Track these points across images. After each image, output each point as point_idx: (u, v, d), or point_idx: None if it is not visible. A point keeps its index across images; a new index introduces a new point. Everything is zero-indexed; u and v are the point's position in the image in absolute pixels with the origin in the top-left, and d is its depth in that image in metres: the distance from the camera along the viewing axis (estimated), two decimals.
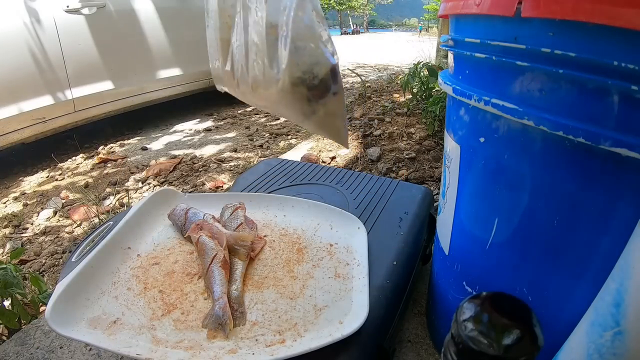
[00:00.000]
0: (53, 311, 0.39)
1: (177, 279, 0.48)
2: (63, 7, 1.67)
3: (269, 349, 0.38)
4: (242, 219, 0.55)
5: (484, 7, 0.31)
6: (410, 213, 0.62)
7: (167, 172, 1.51)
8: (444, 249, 0.49)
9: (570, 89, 0.27)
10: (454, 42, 0.38)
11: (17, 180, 1.59)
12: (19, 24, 1.52)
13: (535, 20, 0.27)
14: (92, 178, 1.53)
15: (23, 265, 1.00)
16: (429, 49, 2.81)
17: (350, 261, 0.50)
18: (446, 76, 0.43)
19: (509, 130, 0.33)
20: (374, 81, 2.97)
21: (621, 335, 0.22)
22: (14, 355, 0.58)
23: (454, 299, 0.48)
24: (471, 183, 0.40)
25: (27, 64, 1.55)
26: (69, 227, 1.17)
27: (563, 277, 0.33)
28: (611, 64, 0.23)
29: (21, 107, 1.55)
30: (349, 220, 0.57)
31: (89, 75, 1.79)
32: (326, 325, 0.40)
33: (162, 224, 0.59)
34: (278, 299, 0.44)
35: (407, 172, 1.20)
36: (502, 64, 0.31)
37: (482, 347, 0.20)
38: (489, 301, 0.23)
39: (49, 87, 1.64)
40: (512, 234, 0.36)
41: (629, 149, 0.24)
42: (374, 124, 1.60)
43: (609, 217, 0.28)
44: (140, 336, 0.39)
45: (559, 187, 0.30)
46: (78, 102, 1.75)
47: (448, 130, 0.45)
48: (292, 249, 0.53)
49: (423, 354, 0.56)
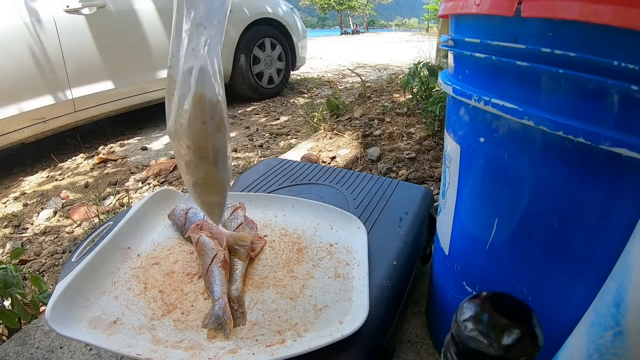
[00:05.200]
0: (53, 311, 0.39)
1: (177, 279, 0.48)
2: (63, 7, 1.67)
3: (269, 349, 0.38)
4: (242, 219, 0.55)
5: (484, 7, 0.31)
6: (410, 213, 0.62)
7: (167, 172, 1.51)
8: (444, 249, 0.49)
9: (570, 89, 0.27)
10: (454, 42, 0.38)
11: (17, 180, 1.59)
12: (19, 23, 1.52)
13: (535, 20, 0.27)
14: (92, 178, 1.53)
15: (23, 265, 1.00)
16: (429, 49, 2.81)
17: (350, 261, 0.50)
18: (446, 76, 0.43)
19: (509, 130, 0.33)
20: (374, 81, 2.97)
21: (621, 335, 0.22)
22: (14, 355, 0.58)
23: (454, 299, 0.48)
24: (471, 183, 0.40)
25: (27, 64, 1.55)
26: (69, 227, 1.17)
27: (563, 277, 0.33)
28: (611, 64, 0.23)
29: (21, 107, 1.55)
30: (349, 220, 0.57)
31: (89, 75, 1.79)
32: (326, 325, 0.40)
33: (162, 224, 0.59)
34: (278, 299, 0.44)
35: (407, 172, 1.20)
36: (502, 64, 0.31)
37: (482, 347, 0.20)
38: (489, 301, 0.23)
39: (49, 87, 1.64)
40: (512, 234, 0.36)
41: (629, 149, 0.24)
42: (374, 124, 1.60)
43: (609, 217, 0.28)
44: (140, 336, 0.39)
45: (559, 187, 0.30)
46: (78, 102, 1.75)
47: (448, 130, 0.45)
48: (292, 249, 0.53)
49: (423, 354, 0.56)
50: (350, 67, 4.30)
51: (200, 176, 0.35)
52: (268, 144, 1.79)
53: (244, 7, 2.42)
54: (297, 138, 1.85)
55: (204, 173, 0.34)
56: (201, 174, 0.34)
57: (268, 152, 1.69)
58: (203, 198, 0.37)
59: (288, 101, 2.66)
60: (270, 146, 1.77)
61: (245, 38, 2.45)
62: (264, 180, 0.74)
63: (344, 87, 3.11)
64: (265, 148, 1.74)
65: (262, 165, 0.81)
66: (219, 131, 0.33)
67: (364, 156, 1.35)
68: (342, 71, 4.06)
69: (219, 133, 0.33)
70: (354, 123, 1.65)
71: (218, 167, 0.34)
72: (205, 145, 0.33)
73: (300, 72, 3.84)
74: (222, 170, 0.35)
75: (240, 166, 1.52)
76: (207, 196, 0.37)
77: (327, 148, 1.48)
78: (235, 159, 1.61)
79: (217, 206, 0.38)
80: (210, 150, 0.33)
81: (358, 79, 2.87)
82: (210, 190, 0.36)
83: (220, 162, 0.34)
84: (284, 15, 2.72)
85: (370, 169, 1.27)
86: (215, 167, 0.34)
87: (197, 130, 0.32)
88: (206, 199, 0.37)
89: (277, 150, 1.70)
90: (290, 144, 1.73)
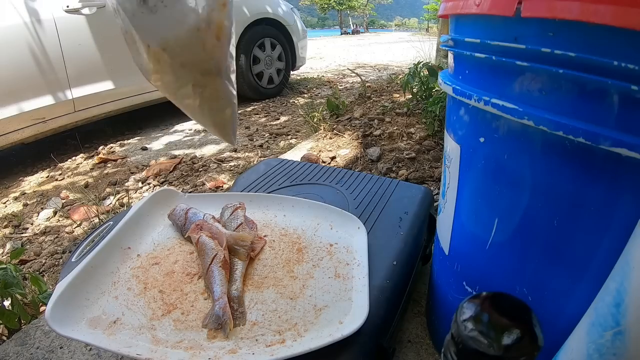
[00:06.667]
0: (53, 311, 0.39)
1: (177, 279, 0.48)
2: (63, 7, 1.67)
3: (269, 349, 0.38)
4: (242, 219, 0.55)
5: (484, 7, 0.31)
6: (410, 213, 0.62)
7: (167, 172, 1.51)
8: (444, 249, 0.49)
9: (570, 89, 0.27)
10: (454, 42, 0.38)
11: (17, 180, 1.59)
12: (19, 23, 1.52)
13: (535, 20, 0.27)
14: (92, 178, 1.53)
15: (23, 265, 1.00)
16: (429, 49, 2.81)
17: (350, 261, 0.50)
18: (446, 76, 0.43)
19: (509, 130, 0.33)
20: (374, 81, 2.97)
21: (621, 335, 0.22)
22: (14, 355, 0.58)
23: (454, 299, 0.48)
24: (471, 183, 0.40)
25: (27, 64, 1.55)
26: (69, 227, 1.17)
27: (563, 277, 0.33)
28: (611, 64, 0.23)
29: (21, 107, 1.55)
30: (349, 220, 0.57)
31: (89, 75, 1.79)
32: (326, 325, 0.40)
33: (162, 224, 0.59)
34: (278, 299, 0.44)
35: (407, 172, 1.20)
36: (502, 64, 0.31)
37: (482, 347, 0.20)
38: (489, 301, 0.23)
39: (49, 87, 1.64)
40: (512, 234, 0.36)
41: (629, 149, 0.24)
42: (374, 124, 1.60)
43: (608, 217, 0.28)
44: (140, 336, 0.39)
45: (559, 187, 0.30)
46: (78, 102, 1.75)
47: (448, 130, 0.45)
48: (292, 249, 0.53)
49: (423, 354, 0.56)
50: (350, 67, 4.30)
51: (205, 96, 0.32)
52: (268, 144, 1.79)
53: (244, 7, 2.42)
54: (297, 138, 1.85)
55: (211, 89, 0.32)
56: (207, 91, 0.32)
57: (268, 152, 1.69)
58: (214, 118, 0.35)
59: (288, 101, 2.66)
60: (270, 146, 1.77)
61: (245, 38, 2.45)
62: (264, 180, 0.74)
63: (344, 87, 3.11)
64: (265, 148, 1.74)
65: (262, 165, 0.81)
66: (218, 39, 0.30)
67: (364, 156, 1.35)
68: (342, 71, 4.06)
69: (218, 41, 0.30)
70: (354, 123, 1.65)
71: (222, 77, 0.32)
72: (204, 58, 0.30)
73: (300, 72, 3.84)
74: (227, 81, 0.32)
75: (240, 166, 1.52)
76: (217, 115, 0.35)
77: (327, 148, 1.48)
78: (236, 159, 1.61)
79: (229, 123, 0.36)
80: (212, 63, 0.30)
81: (358, 79, 2.87)
82: (220, 105, 0.34)
83: (223, 73, 0.32)
84: (284, 15, 2.73)
85: (370, 169, 1.27)
86: (219, 78, 0.31)
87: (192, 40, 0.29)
88: (217, 119, 0.35)
89: (277, 150, 1.70)
90: (290, 144, 1.73)
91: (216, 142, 1.86)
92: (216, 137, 1.94)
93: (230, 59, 0.33)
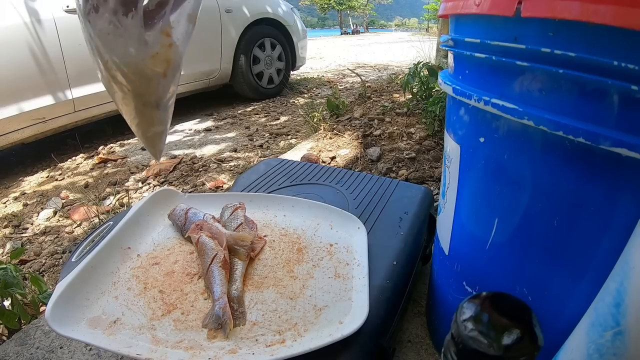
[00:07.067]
0: (53, 311, 0.39)
1: (177, 279, 0.48)
2: (63, 7, 1.67)
3: (269, 349, 0.38)
4: (242, 219, 0.55)
5: (484, 7, 0.31)
6: (410, 213, 0.62)
7: (167, 172, 1.51)
8: (444, 249, 0.49)
9: (570, 89, 0.27)
10: (454, 42, 0.38)
11: (17, 180, 1.59)
12: (19, 23, 1.52)
13: (535, 20, 0.27)
14: (92, 178, 1.53)
15: (23, 265, 1.00)
16: (429, 49, 2.81)
17: (350, 261, 0.50)
18: (446, 76, 0.43)
19: (509, 130, 0.33)
20: (374, 81, 2.97)
21: (621, 335, 0.22)
22: (14, 355, 0.58)
23: (454, 299, 0.48)
24: (471, 183, 0.40)
25: (27, 64, 1.55)
26: (69, 227, 1.17)
27: (563, 277, 0.33)
28: (611, 64, 0.23)
29: (21, 107, 1.55)
30: (349, 220, 0.57)
31: (89, 75, 1.78)
32: (326, 325, 0.40)
33: (162, 224, 0.59)
34: (278, 299, 0.44)
35: (407, 172, 1.20)
36: (502, 64, 0.31)
37: (482, 347, 0.20)
38: (489, 301, 0.23)
39: (49, 87, 1.64)
40: (512, 234, 0.36)
41: (629, 149, 0.24)
42: (374, 124, 1.60)
43: (608, 217, 0.28)
44: (140, 336, 0.39)
45: (559, 187, 0.30)
46: (78, 102, 1.75)
47: (448, 130, 0.45)
48: (292, 249, 0.53)
49: (423, 354, 0.56)
50: (350, 67, 4.30)
51: (142, 119, 0.36)
52: (268, 144, 1.79)
53: (244, 7, 2.42)
54: (297, 138, 1.85)
55: (147, 116, 0.36)
56: (145, 117, 0.36)
57: (268, 152, 1.69)
58: (146, 135, 0.39)
59: (288, 101, 2.66)
60: (270, 146, 1.77)
61: (245, 38, 2.45)
62: (264, 180, 0.74)
63: (344, 87, 3.11)
64: (265, 148, 1.74)
65: (262, 165, 0.81)
66: (164, 76, 0.33)
67: (364, 156, 1.35)
68: (342, 71, 4.06)
69: (164, 78, 0.33)
70: (354, 123, 1.65)
71: (160, 110, 0.35)
72: (147, 93, 0.33)
73: (300, 72, 3.84)
74: (164, 110, 0.36)
75: (240, 166, 1.52)
76: (149, 132, 0.39)
77: (327, 148, 1.48)
78: (236, 159, 1.61)
79: (158, 141, 0.40)
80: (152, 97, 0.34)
81: (358, 79, 2.87)
82: (154, 128, 0.38)
83: (161, 106, 0.35)
84: (284, 15, 2.73)
85: (370, 169, 1.27)
86: (157, 111, 0.35)
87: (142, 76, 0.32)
88: (148, 135, 0.39)
89: (277, 150, 1.70)
90: (290, 144, 1.73)
91: (216, 142, 1.86)
92: (216, 137, 1.94)
93: (173, 88, 0.37)
